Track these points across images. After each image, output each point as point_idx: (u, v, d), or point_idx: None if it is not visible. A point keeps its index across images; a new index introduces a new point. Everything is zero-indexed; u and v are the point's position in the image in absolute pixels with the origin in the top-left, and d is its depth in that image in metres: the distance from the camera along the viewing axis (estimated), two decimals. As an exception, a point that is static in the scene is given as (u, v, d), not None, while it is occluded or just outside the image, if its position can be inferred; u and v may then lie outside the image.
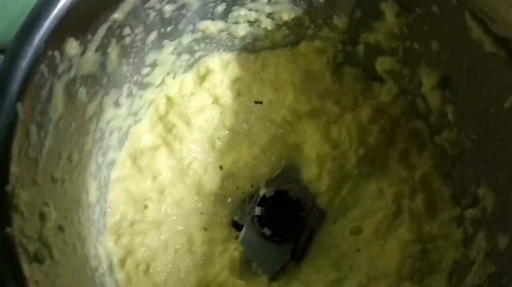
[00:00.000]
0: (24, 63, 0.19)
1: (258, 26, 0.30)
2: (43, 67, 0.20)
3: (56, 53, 0.20)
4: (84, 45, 0.22)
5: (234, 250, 0.30)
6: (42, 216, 0.20)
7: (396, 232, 0.29)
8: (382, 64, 0.30)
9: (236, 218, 0.31)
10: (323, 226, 0.31)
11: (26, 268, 0.17)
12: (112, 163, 0.28)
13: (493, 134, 0.24)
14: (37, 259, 0.18)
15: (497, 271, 0.23)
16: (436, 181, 0.29)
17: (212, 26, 0.29)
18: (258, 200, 0.31)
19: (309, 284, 0.29)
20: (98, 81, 0.24)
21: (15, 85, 0.19)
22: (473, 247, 0.25)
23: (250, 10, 0.29)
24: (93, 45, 0.23)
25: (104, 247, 0.27)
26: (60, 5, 0.20)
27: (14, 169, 0.18)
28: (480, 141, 0.26)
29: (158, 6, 0.25)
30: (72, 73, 0.22)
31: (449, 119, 0.27)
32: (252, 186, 0.31)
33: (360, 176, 0.31)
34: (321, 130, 0.32)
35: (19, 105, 0.19)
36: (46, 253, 0.19)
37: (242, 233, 0.30)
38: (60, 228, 0.22)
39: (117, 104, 0.27)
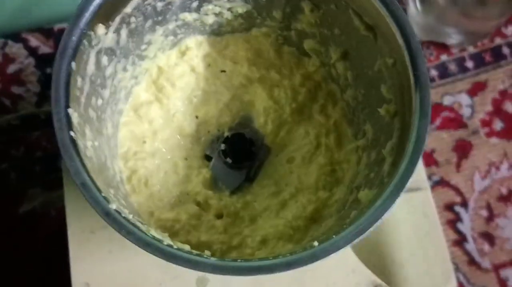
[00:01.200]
0: (75, 37, 0.30)
1: (222, 16, 0.39)
2: (84, 41, 0.31)
3: (92, 33, 0.31)
4: (107, 28, 0.33)
5: (206, 173, 0.39)
6: (84, 133, 0.31)
7: (316, 159, 0.39)
8: (307, 44, 0.40)
9: (207, 152, 0.40)
10: (268, 158, 0.41)
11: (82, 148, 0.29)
12: (120, 112, 0.38)
13: (371, 89, 0.36)
14: (85, 156, 0.30)
15: (369, 173, 0.34)
16: (343, 124, 0.40)
17: (189, 16, 0.38)
18: (223, 139, 0.40)
19: (257, 196, 0.39)
20: (114, 52, 0.34)
21: (70, 51, 0.30)
22: (361, 163, 0.36)
23: (215, 5, 0.38)
24: (112, 29, 0.33)
25: (118, 166, 0.37)
26: (95, 4, 0.31)
27: (70, 101, 0.30)
28: (365, 94, 0.37)
29: (152, 2, 0.35)
30: (99, 46, 0.33)
31: (349, 82, 0.38)
32: (218, 130, 0.41)
33: (293, 122, 0.41)
34: (267, 91, 0.41)
35: (73, 63, 0.30)
36: (91, 153, 0.31)
37: (211, 162, 0.40)
38: (94, 146, 0.33)
39: (125, 69, 0.37)
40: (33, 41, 0.55)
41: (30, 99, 0.54)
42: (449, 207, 0.52)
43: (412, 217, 0.43)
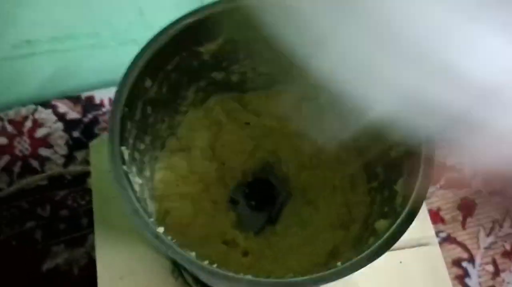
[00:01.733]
0: (126, 89, 0.34)
1: (245, 75, 0.43)
2: (135, 91, 0.35)
3: (140, 84, 0.36)
4: (152, 82, 0.37)
5: (232, 215, 0.43)
6: (132, 170, 0.35)
7: (333, 201, 0.43)
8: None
9: (233, 195, 0.44)
10: (289, 201, 0.44)
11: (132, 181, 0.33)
12: (157, 158, 0.42)
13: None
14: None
15: (383, 208, 0.37)
16: (357, 168, 0.43)
17: (218, 75, 0.43)
18: (247, 183, 0.44)
19: (279, 236, 0.43)
20: (156, 103, 0.39)
21: (123, 99, 0.34)
22: (375, 203, 0.40)
23: (240, 66, 0.43)
24: (157, 82, 0.38)
25: (154, 207, 0.41)
26: (142, 63, 0.35)
27: (122, 141, 0.34)
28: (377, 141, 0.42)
29: (190, 62, 0.40)
30: (145, 96, 0.37)
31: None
32: (243, 176, 0.45)
33: (311, 168, 0.44)
34: (288, 140, 0.45)
35: (125, 108, 0.34)
36: (137, 188, 0.35)
37: (237, 205, 0.44)
38: (138, 183, 0.36)
39: (163, 120, 0.41)
40: (62, 107, 0.59)
41: (57, 160, 0.57)
42: (457, 263, 0.54)
43: (423, 272, 0.46)
